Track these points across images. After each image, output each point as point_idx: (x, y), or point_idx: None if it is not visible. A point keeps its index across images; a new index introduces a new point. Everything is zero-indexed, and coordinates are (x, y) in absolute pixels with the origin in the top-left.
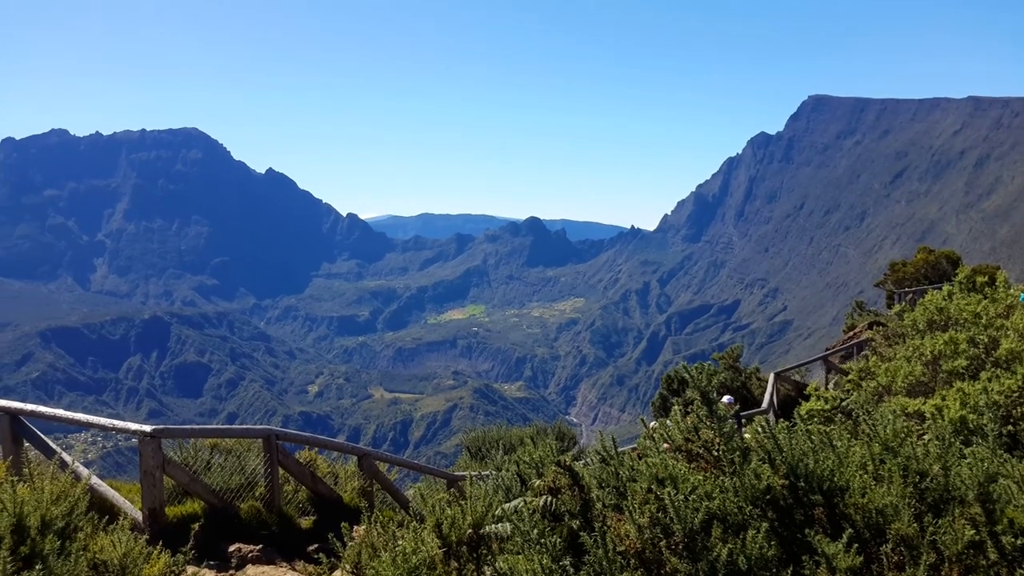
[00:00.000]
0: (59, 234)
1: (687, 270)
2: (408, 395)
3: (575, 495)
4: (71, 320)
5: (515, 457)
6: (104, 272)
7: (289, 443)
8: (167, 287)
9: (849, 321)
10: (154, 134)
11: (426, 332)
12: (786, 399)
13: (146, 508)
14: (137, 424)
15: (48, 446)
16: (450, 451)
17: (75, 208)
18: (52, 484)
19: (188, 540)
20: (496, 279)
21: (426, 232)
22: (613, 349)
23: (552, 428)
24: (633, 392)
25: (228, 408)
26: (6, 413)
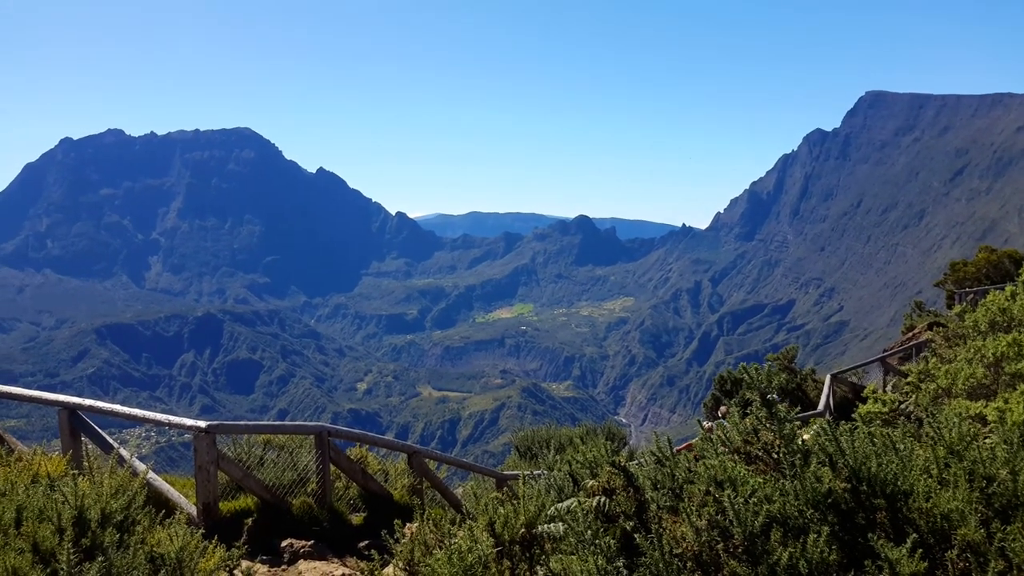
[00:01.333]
0: (115, 232)
1: (740, 269)
2: (456, 393)
3: (630, 496)
4: (126, 317)
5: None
6: (158, 270)
7: (340, 440)
8: (220, 285)
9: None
10: (207, 134)
11: (474, 331)
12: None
13: (200, 503)
14: (192, 420)
15: (106, 441)
16: (498, 450)
17: (130, 207)
18: (111, 478)
19: (241, 535)
20: (545, 278)
21: (475, 231)
22: (663, 349)
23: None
24: (684, 393)
25: (279, 405)
26: (65, 408)
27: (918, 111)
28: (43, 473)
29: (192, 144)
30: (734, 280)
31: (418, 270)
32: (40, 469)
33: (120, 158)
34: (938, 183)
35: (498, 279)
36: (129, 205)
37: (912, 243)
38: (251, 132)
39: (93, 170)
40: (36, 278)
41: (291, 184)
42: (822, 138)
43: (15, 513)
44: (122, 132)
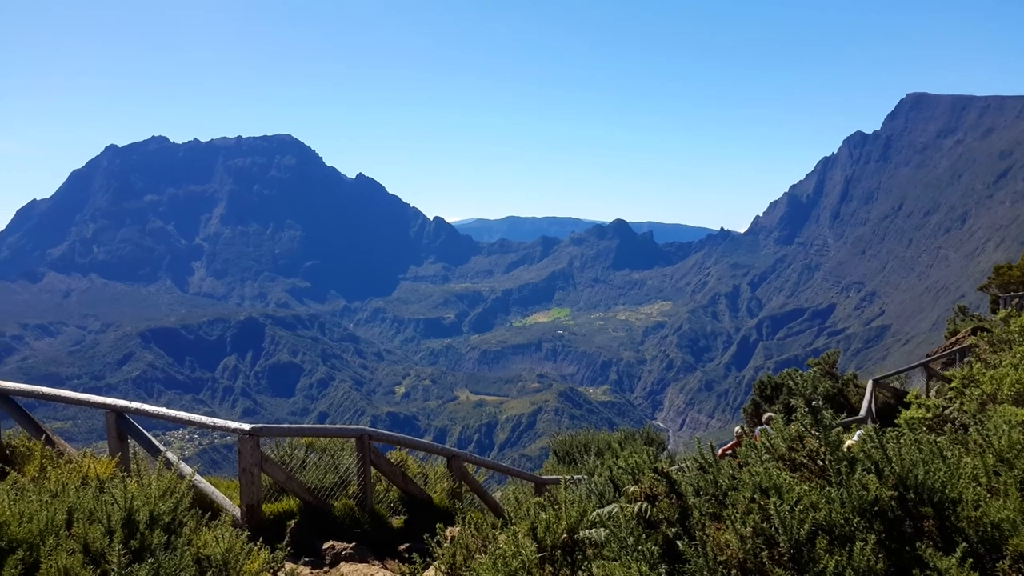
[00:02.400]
0: (159, 238)
1: (779, 273)
2: (493, 397)
3: (673, 502)
4: (170, 321)
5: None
6: (202, 275)
7: (381, 443)
8: (262, 289)
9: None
10: (249, 141)
11: (511, 335)
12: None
13: (244, 505)
14: (236, 423)
15: (152, 443)
16: (535, 454)
17: (174, 213)
18: (159, 480)
19: (284, 536)
20: (581, 282)
21: (512, 235)
22: (701, 353)
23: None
24: (722, 398)
25: (319, 408)
26: (113, 411)
27: (961, 113)
28: (92, 475)
29: (234, 151)
30: (773, 284)
31: (455, 274)
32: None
33: (164, 165)
34: (981, 186)
35: (535, 283)
36: (173, 211)
37: (955, 246)
38: (292, 139)
39: (138, 177)
40: (82, 283)
41: (331, 190)
42: (862, 140)
43: (66, 514)
44: (166, 139)
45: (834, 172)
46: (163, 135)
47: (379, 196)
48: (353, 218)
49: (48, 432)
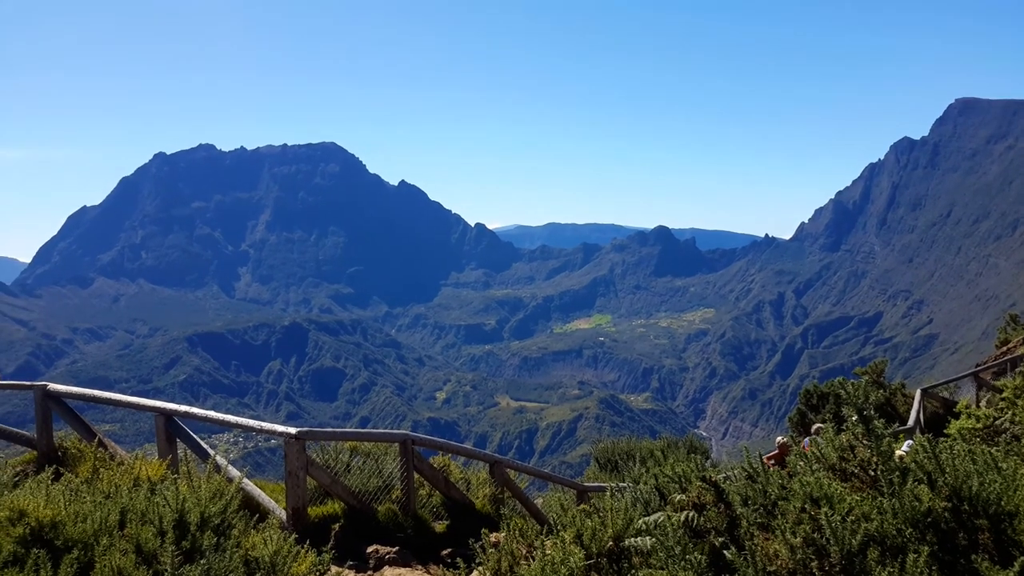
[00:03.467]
0: (206, 244)
1: (825, 280)
2: (534, 404)
3: (721, 512)
4: (216, 326)
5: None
6: (247, 280)
7: (423, 448)
8: (306, 295)
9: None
10: (294, 149)
11: (552, 341)
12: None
13: (290, 507)
14: (283, 426)
15: (200, 446)
16: (575, 461)
17: (221, 219)
18: (208, 483)
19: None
20: (623, 289)
21: (553, 242)
22: (745, 362)
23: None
24: (766, 407)
25: (361, 412)
26: (162, 414)
27: (1012, 118)
28: (144, 477)
29: (280, 158)
30: (819, 292)
31: (496, 281)
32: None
33: (211, 172)
34: None
35: (576, 290)
36: (220, 218)
37: (1005, 254)
38: (336, 147)
39: (185, 184)
40: (131, 288)
41: (374, 197)
42: (910, 146)
43: (119, 515)
44: (213, 147)
45: (881, 178)
46: (210, 143)
47: (421, 203)
48: (395, 225)
49: (99, 434)
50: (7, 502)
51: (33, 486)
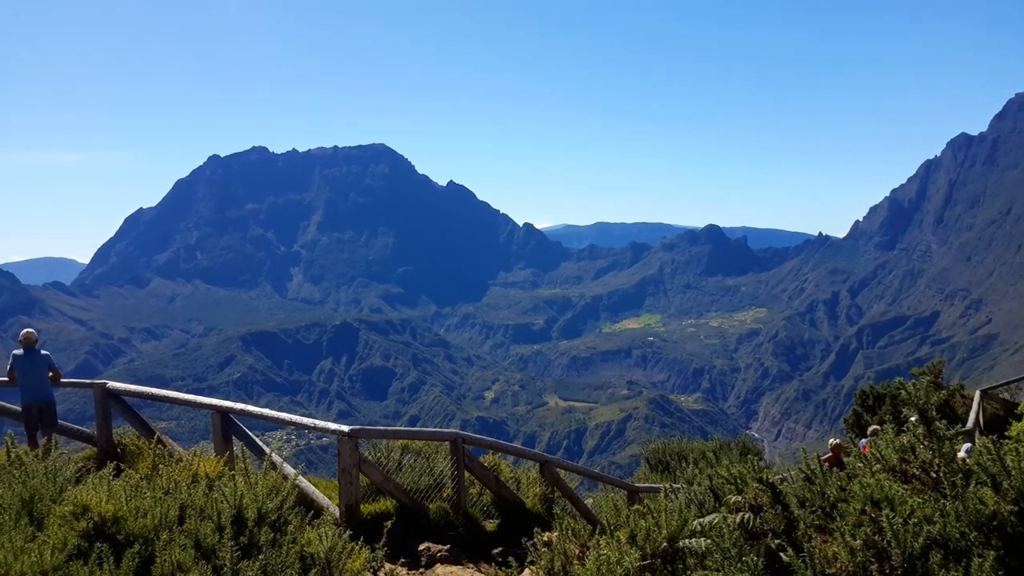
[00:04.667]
0: (259, 245)
1: (880, 279)
2: (582, 404)
3: (778, 513)
4: (269, 325)
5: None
6: (299, 281)
7: (474, 447)
8: (356, 295)
9: None
10: (345, 150)
11: (600, 341)
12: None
13: (343, 504)
14: (336, 424)
15: (255, 443)
16: (624, 462)
17: (274, 221)
18: (264, 479)
19: (381, 537)
20: (672, 288)
21: (601, 241)
22: (798, 362)
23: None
24: (820, 408)
25: (410, 411)
26: (218, 411)
27: None
28: (202, 473)
29: (331, 160)
30: (874, 291)
31: (545, 280)
32: (199, 469)
33: (264, 174)
34: None
35: (625, 289)
36: (272, 219)
37: None
38: (385, 148)
39: (239, 186)
40: (187, 288)
41: (423, 197)
42: (967, 143)
43: (179, 511)
44: (266, 149)
45: (937, 175)
46: (263, 145)
47: (469, 203)
48: (444, 225)
49: (158, 432)
50: (71, 497)
51: (95, 482)
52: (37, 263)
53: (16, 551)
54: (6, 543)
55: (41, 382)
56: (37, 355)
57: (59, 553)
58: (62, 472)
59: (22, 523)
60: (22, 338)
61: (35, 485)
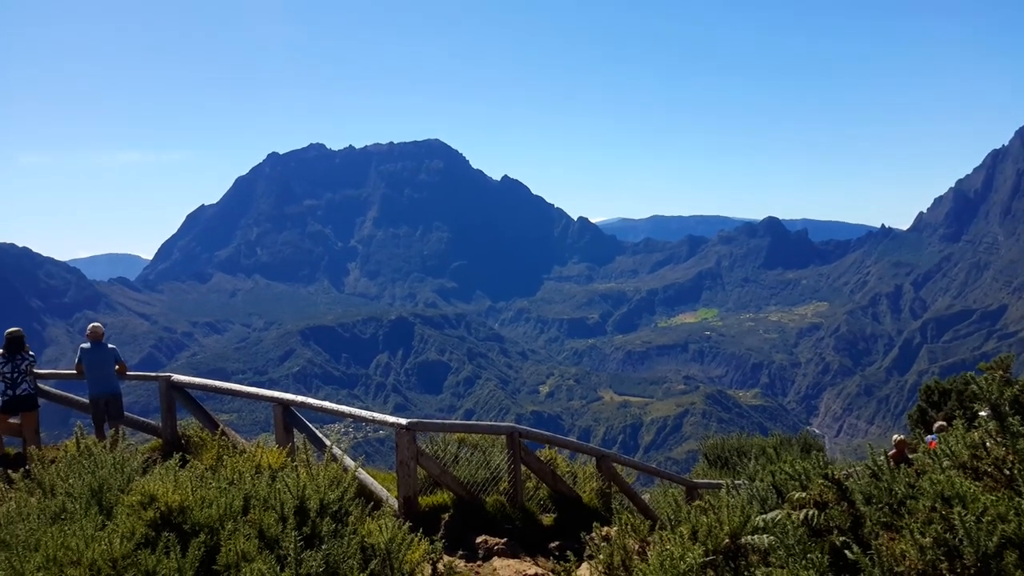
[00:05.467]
0: (317, 240)
1: (945, 272)
2: (638, 398)
3: (844, 510)
4: (327, 320)
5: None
6: (356, 276)
7: (530, 441)
8: (411, 289)
9: None
10: (400, 146)
11: (656, 335)
12: None
13: (401, 496)
14: (394, 417)
15: (315, 434)
16: (681, 457)
17: (331, 216)
18: (326, 471)
19: (438, 529)
20: (730, 282)
21: (657, 234)
22: (860, 357)
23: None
24: (883, 403)
25: (465, 405)
26: (280, 404)
27: None
28: (264, 464)
29: (387, 156)
30: (939, 284)
31: (599, 274)
32: (262, 460)
33: (322, 171)
34: None
35: (681, 283)
36: (330, 215)
37: None
38: (440, 143)
39: (297, 182)
40: (247, 283)
41: (477, 192)
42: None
43: (243, 501)
44: (323, 146)
45: (1005, 165)
46: (320, 142)
47: (524, 197)
48: (498, 219)
49: (221, 424)
50: (139, 487)
51: (162, 472)
52: (103, 259)
53: (87, 539)
54: (77, 531)
55: (108, 375)
56: (104, 349)
57: (128, 542)
58: (130, 463)
59: (92, 512)
60: (90, 332)
61: (104, 475)
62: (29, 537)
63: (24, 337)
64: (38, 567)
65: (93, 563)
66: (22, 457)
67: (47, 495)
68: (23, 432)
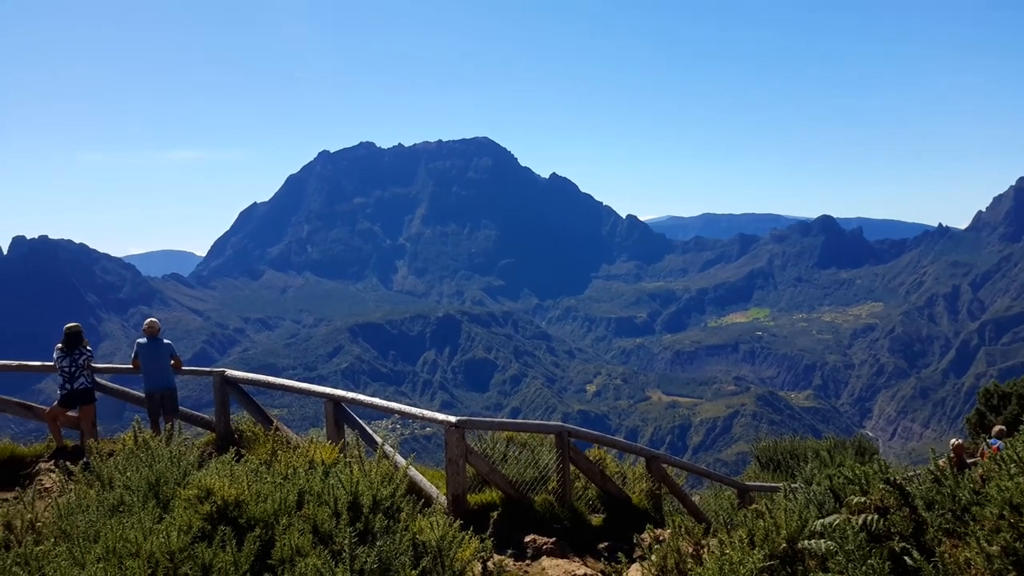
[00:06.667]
0: (366, 238)
1: (1005, 273)
2: (686, 399)
3: (906, 516)
4: (375, 317)
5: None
6: (404, 273)
7: (579, 440)
8: (459, 287)
9: None
10: (449, 144)
11: (706, 335)
12: None
13: (450, 494)
14: (443, 415)
15: (365, 430)
16: (731, 459)
17: (380, 214)
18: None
19: (487, 527)
20: (782, 281)
21: (707, 232)
22: (916, 359)
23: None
24: (939, 407)
25: (512, 403)
26: (331, 400)
27: None
28: (317, 460)
29: (435, 154)
30: (998, 285)
31: (648, 273)
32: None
33: (371, 169)
34: None
35: (732, 282)
36: (379, 213)
37: None
38: (489, 141)
39: (347, 180)
40: (298, 280)
41: (525, 190)
42: None
43: (297, 496)
44: (373, 145)
45: None
46: (371, 141)
47: (572, 195)
48: (546, 217)
49: (275, 419)
50: (195, 481)
51: (218, 466)
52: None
53: (145, 531)
54: (136, 524)
55: (163, 370)
56: (160, 344)
57: (185, 535)
58: (186, 456)
59: (150, 505)
60: (146, 327)
61: (161, 469)
62: (89, 529)
63: (82, 332)
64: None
65: (151, 555)
66: (80, 450)
67: (106, 488)
68: (80, 425)
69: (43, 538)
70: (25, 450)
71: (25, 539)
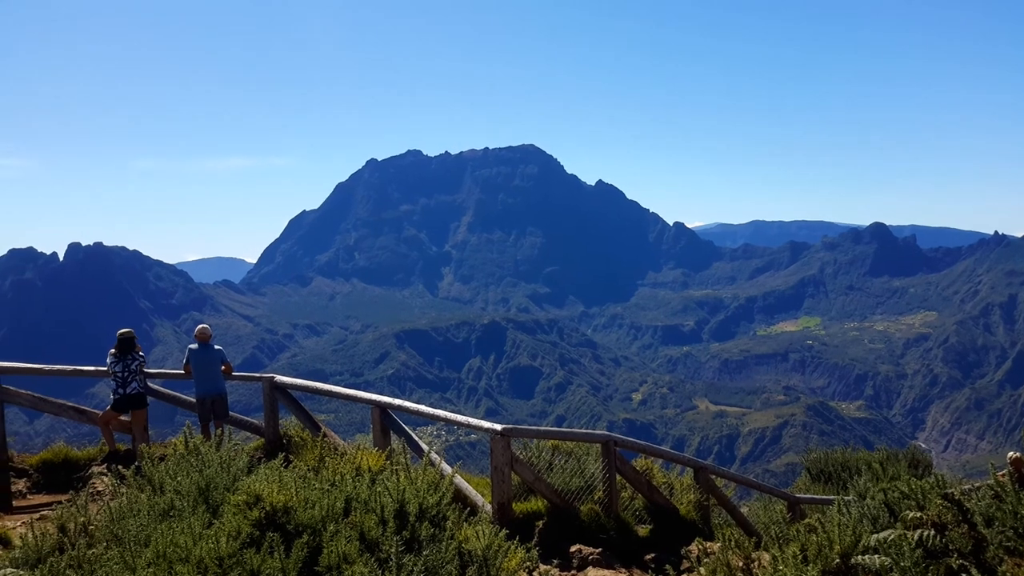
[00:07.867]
0: (412, 245)
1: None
2: (735, 408)
3: (964, 533)
4: (421, 323)
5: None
6: (450, 280)
7: (625, 450)
8: (504, 294)
9: None
10: (495, 152)
11: (754, 344)
12: None
13: (495, 502)
14: (489, 423)
15: (412, 437)
16: (780, 470)
17: (426, 222)
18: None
19: (532, 536)
20: (834, 289)
21: (756, 240)
22: (970, 369)
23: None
24: (994, 418)
25: (556, 411)
26: (378, 406)
27: None
28: (364, 467)
29: (481, 162)
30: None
31: (695, 281)
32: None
33: (418, 176)
34: None
35: (781, 290)
36: (425, 220)
37: None
38: (535, 148)
39: (394, 188)
40: (345, 287)
41: (571, 197)
42: None
43: (344, 503)
44: (420, 152)
45: None
46: (417, 149)
47: (618, 202)
48: (592, 224)
49: (323, 426)
50: (245, 486)
51: (267, 472)
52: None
53: (195, 536)
54: (186, 528)
55: (214, 375)
56: (211, 350)
57: (234, 540)
58: (235, 462)
59: (200, 510)
60: (198, 333)
61: (211, 474)
62: (140, 533)
63: (135, 338)
64: (148, 563)
65: (200, 561)
66: (132, 454)
67: (156, 492)
68: (132, 429)
69: (95, 541)
70: (79, 453)
71: (78, 542)
